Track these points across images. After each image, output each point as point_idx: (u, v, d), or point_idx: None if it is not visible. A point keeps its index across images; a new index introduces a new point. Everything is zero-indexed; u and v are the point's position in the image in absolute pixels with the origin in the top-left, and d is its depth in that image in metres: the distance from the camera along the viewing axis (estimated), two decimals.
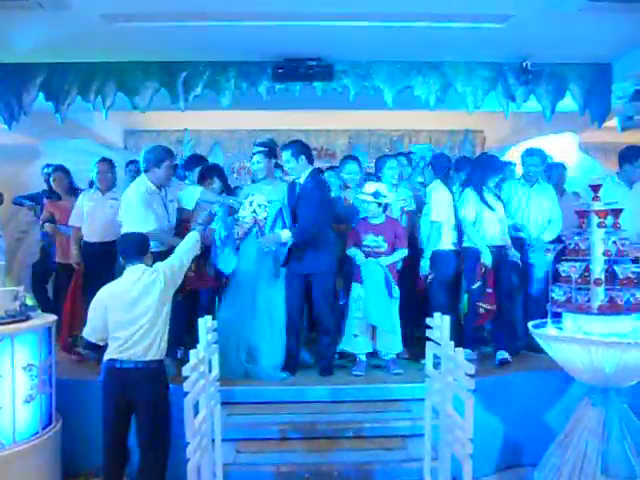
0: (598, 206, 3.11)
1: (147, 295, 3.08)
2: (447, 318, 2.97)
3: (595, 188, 3.16)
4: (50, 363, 3.48)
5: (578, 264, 3.07)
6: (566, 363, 3.09)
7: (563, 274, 3.13)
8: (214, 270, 4.34)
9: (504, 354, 4.24)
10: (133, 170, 4.98)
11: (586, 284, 3.07)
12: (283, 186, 4.33)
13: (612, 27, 4.16)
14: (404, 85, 5.01)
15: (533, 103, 5.11)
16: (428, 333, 3.19)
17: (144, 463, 3.11)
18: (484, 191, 4.30)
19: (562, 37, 4.35)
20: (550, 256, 3.29)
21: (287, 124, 7.04)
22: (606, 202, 3.14)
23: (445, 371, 2.88)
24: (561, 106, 5.09)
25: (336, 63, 4.89)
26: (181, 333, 3.99)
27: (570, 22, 4.04)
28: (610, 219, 3.12)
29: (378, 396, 3.85)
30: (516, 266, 4.40)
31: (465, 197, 4.33)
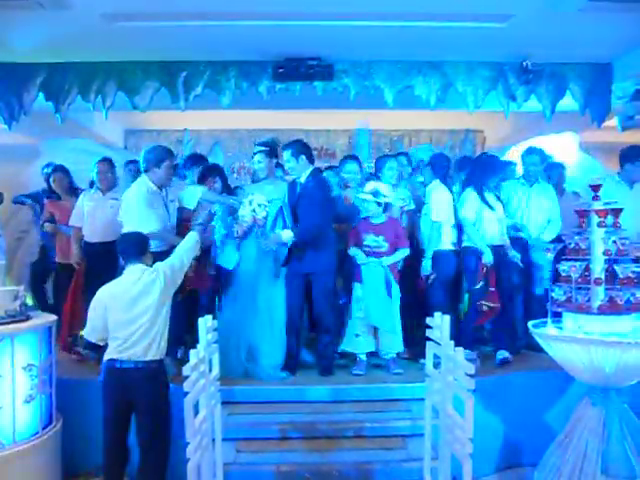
0: (598, 205, 3.12)
1: (147, 295, 3.08)
2: (447, 318, 2.97)
3: (595, 188, 3.17)
4: (50, 363, 3.48)
5: (578, 264, 3.07)
6: (566, 363, 3.09)
7: (563, 274, 3.13)
8: (214, 270, 4.34)
9: (505, 354, 4.25)
10: (132, 170, 4.96)
11: (586, 284, 3.07)
12: (284, 185, 4.33)
13: (612, 27, 4.16)
14: (404, 85, 5.00)
15: (533, 103, 5.11)
16: (428, 333, 3.19)
17: (144, 463, 3.12)
18: (484, 191, 4.30)
19: (562, 37, 4.36)
20: (550, 256, 3.29)
21: (287, 124, 7.01)
22: (606, 201, 3.14)
23: (445, 371, 2.88)
24: (561, 106, 5.09)
25: (336, 63, 4.89)
26: (181, 333, 3.99)
27: (570, 22, 4.05)
28: (610, 218, 3.12)
29: (378, 396, 3.85)
30: (516, 266, 4.40)
31: (465, 197, 4.33)
